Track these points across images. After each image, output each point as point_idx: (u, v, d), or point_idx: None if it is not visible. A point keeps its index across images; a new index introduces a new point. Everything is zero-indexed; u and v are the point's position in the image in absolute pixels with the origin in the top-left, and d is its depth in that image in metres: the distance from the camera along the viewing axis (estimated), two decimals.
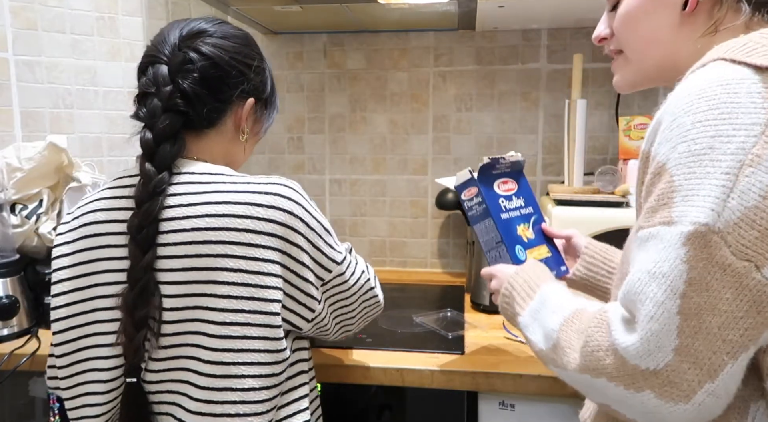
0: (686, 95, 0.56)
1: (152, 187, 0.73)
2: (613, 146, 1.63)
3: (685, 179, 0.53)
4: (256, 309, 0.73)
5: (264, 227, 0.72)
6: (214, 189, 0.74)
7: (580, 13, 1.46)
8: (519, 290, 0.77)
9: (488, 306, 1.38)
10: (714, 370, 0.52)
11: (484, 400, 1.07)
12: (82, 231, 0.78)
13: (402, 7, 1.40)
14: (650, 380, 0.53)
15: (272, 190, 0.75)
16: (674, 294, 0.52)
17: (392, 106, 1.75)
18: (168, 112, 0.76)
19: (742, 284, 0.51)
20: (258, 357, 0.73)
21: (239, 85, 0.82)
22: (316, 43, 1.76)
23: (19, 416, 1.24)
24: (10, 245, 1.23)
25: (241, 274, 0.72)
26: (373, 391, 1.10)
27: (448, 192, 1.67)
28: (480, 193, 0.95)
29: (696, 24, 0.66)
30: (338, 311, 0.84)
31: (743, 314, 0.51)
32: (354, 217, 1.83)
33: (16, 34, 1.36)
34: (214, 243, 0.72)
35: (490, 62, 1.68)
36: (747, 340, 0.52)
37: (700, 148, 0.53)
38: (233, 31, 0.84)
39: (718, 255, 0.51)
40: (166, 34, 0.81)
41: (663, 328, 0.52)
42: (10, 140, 1.35)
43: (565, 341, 0.63)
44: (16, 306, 1.18)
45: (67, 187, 1.28)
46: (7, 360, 1.11)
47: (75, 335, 0.79)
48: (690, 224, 0.52)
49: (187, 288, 0.73)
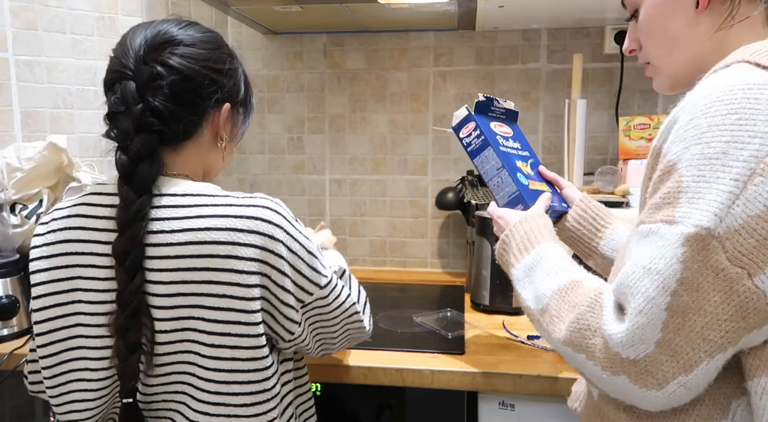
0: (705, 96, 0.56)
1: (134, 212, 0.72)
2: (613, 146, 1.63)
3: (694, 181, 0.54)
4: (243, 332, 0.73)
5: (245, 252, 0.72)
6: (196, 213, 0.73)
7: (580, 13, 1.46)
8: (518, 241, 0.79)
9: (488, 306, 1.38)
10: (690, 365, 0.54)
11: (484, 400, 1.07)
12: (60, 247, 0.77)
13: (402, 7, 1.40)
14: (628, 367, 0.56)
15: (252, 213, 0.73)
16: (665, 292, 0.53)
17: (392, 106, 1.75)
18: (141, 132, 0.73)
19: (732, 289, 0.52)
20: (248, 376, 0.74)
21: (213, 94, 0.79)
22: (316, 43, 1.76)
23: (19, 416, 1.24)
24: (10, 245, 1.23)
25: (227, 300, 0.72)
26: (373, 391, 1.10)
27: (448, 191, 1.67)
28: (478, 126, 0.98)
29: (712, 20, 0.66)
30: (319, 330, 0.83)
31: (728, 317, 0.53)
32: (354, 217, 1.83)
33: (16, 34, 1.36)
34: (198, 271, 0.71)
35: (490, 62, 1.68)
36: (726, 342, 0.53)
37: (713, 152, 0.53)
38: (201, 34, 0.80)
39: (713, 259, 0.52)
40: (129, 43, 0.76)
41: (649, 322, 0.54)
42: (10, 140, 1.35)
43: (555, 310, 0.65)
44: (16, 306, 1.18)
45: (67, 187, 1.28)
46: (7, 360, 1.11)
47: (59, 348, 0.78)
48: (692, 226, 0.53)
49: (175, 312, 0.73)
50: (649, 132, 1.46)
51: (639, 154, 1.45)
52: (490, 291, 1.37)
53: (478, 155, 0.98)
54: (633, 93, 1.63)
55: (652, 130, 1.46)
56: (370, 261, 1.83)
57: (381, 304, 1.43)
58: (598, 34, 1.61)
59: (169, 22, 0.79)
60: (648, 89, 1.62)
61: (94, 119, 1.49)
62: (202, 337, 0.73)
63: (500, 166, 0.96)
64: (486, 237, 1.37)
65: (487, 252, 1.37)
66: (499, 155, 0.96)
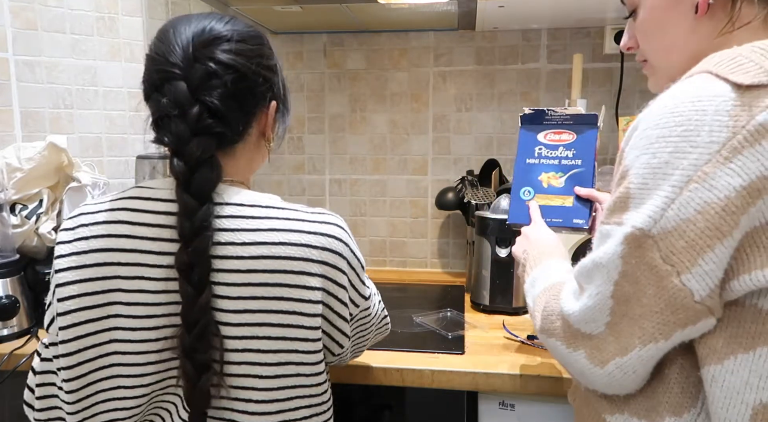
0: (661, 108, 0.59)
1: (199, 221, 0.67)
2: (613, 146, 1.63)
3: (639, 188, 0.58)
4: (309, 349, 0.72)
5: (317, 269, 0.71)
6: (268, 226, 0.70)
7: (580, 13, 1.46)
8: (531, 258, 0.87)
9: (488, 306, 1.38)
10: (625, 348, 0.60)
11: (484, 400, 1.07)
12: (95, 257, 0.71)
13: (402, 7, 1.40)
14: (585, 341, 0.63)
15: (326, 230, 0.72)
16: (609, 281, 0.60)
17: (392, 106, 1.75)
18: (199, 135, 0.69)
19: (662, 284, 0.57)
20: (309, 390, 0.74)
21: (266, 92, 0.76)
22: (316, 43, 1.76)
23: (19, 416, 1.24)
24: (10, 245, 1.23)
25: (296, 316, 0.70)
26: (373, 391, 1.10)
27: (448, 191, 1.67)
28: (520, 136, 1.04)
29: (712, 25, 0.66)
30: (357, 339, 0.85)
31: (659, 310, 0.57)
32: (354, 217, 1.83)
33: (16, 34, 1.36)
34: (269, 286, 0.69)
35: (490, 62, 1.68)
36: (657, 333, 0.58)
37: (657, 163, 0.57)
38: (247, 30, 0.76)
39: (648, 257, 0.57)
40: (173, 39, 0.71)
41: (597, 305, 0.61)
42: (10, 140, 1.35)
43: (537, 305, 0.75)
44: (16, 306, 1.18)
45: (67, 187, 1.28)
46: (7, 360, 1.11)
47: (88, 368, 0.72)
48: (630, 227, 0.58)
49: (240, 330, 0.69)
50: None
51: None
52: (490, 291, 1.37)
53: None
54: (633, 93, 1.63)
55: None
56: (370, 261, 1.83)
57: None
58: (598, 34, 1.61)
59: (209, 18, 0.74)
60: (648, 89, 1.61)
61: (94, 119, 1.49)
62: (265, 357, 0.70)
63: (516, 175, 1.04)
64: (486, 237, 1.37)
65: (487, 252, 1.37)
66: (518, 168, 1.03)
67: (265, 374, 0.71)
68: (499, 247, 1.36)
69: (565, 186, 1.02)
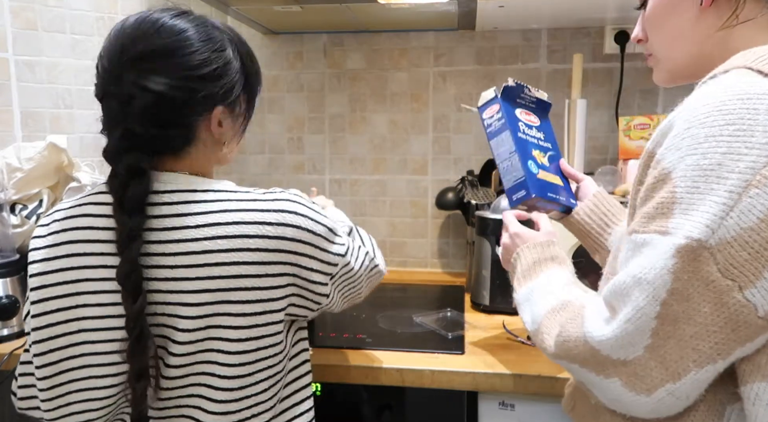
0: (703, 105, 0.55)
1: (127, 234, 0.70)
2: (613, 146, 1.63)
3: (687, 192, 0.53)
4: (269, 321, 0.74)
5: (275, 245, 0.72)
6: (221, 208, 0.72)
7: (580, 13, 1.46)
8: (524, 267, 0.82)
9: (488, 306, 1.38)
10: (678, 373, 0.54)
11: (484, 400, 1.07)
12: (63, 249, 0.74)
13: (402, 7, 1.40)
14: (619, 368, 0.57)
15: (280, 206, 0.74)
16: (655, 301, 0.54)
17: (392, 106, 1.75)
18: (129, 151, 0.71)
19: (721, 301, 0.52)
20: (270, 361, 0.75)
21: (199, 104, 0.74)
22: (316, 43, 1.76)
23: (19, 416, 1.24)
24: (10, 245, 1.23)
25: (255, 292, 0.72)
26: (373, 391, 1.10)
27: (448, 191, 1.67)
28: (501, 109, 0.98)
29: (716, 17, 0.65)
30: (346, 291, 0.85)
31: (717, 329, 0.52)
32: (354, 217, 1.83)
33: (16, 34, 1.36)
34: (227, 265, 0.71)
35: (490, 62, 1.68)
36: (716, 354, 0.53)
37: (709, 164, 0.53)
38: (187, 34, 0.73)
39: (704, 271, 0.52)
40: (112, 52, 0.72)
41: (637, 330, 0.55)
42: (10, 140, 1.35)
43: (546, 327, 0.69)
44: (16, 306, 1.18)
45: (67, 187, 1.28)
46: (7, 360, 1.11)
47: (59, 357, 0.74)
48: (683, 237, 0.52)
49: (201, 309, 0.71)
50: (649, 132, 1.46)
51: (639, 154, 1.45)
52: (490, 291, 1.37)
53: (495, 137, 0.98)
54: (633, 93, 1.63)
55: (652, 129, 1.46)
56: None
57: (381, 304, 1.43)
58: (598, 34, 1.61)
59: (153, 14, 0.73)
60: (648, 89, 1.62)
61: (94, 119, 1.48)
62: (227, 333, 0.72)
63: (513, 150, 0.96)
64: (486, 237, 1.37)
65: (487, 252, 1.37)
66: (515, 140, 0.96)
67: (227, 349, 0.72)
68: (499, 247, 1.36)
69: (551, 166, 1.01)
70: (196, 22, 0.75)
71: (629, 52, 1.58)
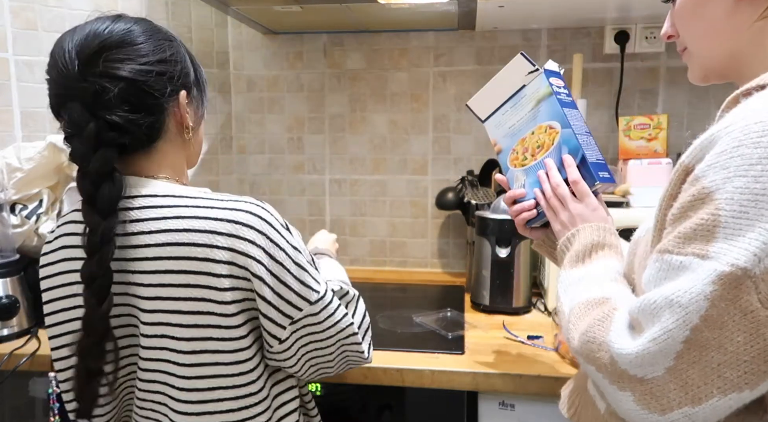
0: (757, 122, 0.52)
1: (100, 236, 0.69)
2: (613, 146, 1.63)
3: (734, 217, 0.51)
4: (224, 336, 0.71)
5: (222, 256, 0.69)
6: (175, 214, 0.71)
7: (580, 13, 1.46)
8: (580, 248, 0.78)
9: (488, 306, 1.38)
10: (699, 398, 0.52)
11: (484, 400, 1.07)
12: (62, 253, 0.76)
13: (402, 7, 1.40)
14: (635, 385, 0.55)
15: (233, 216, 0.70)
16: (685, 326, 0.51)
17: (392, 106, 1.75)
18: (99, 149, 0.70)
19: (758, 332, 0.50)
20: (232, 380, 0.73)
21: (165, 87, 0.74)
22: (316, 43, 1.76)
23: (19, 416, 1.24)
24: (10, 245, 1.23)
25: (204, 303, 0.70)
26: (373, 391, 1.10)
27: (448, 191, 1.67)
28: (565, 86, 0.94)
29: (752, 9, 0.62)
30: (312, 352, 0.77)
31: (749, 359, 0.50)
32: (354, 217, 1.83)
33: (16, 34, 1.36)
34: (176, 273, 0.70)
35: (489, 62, 1.68)
36: (743, 383, 0.51)
37: (761, 188, 0.50)
38: (133, 26, 0.74)
39: (744, 300, 0.50)
40: (59, 60, 0.71)
41: (661, 351, 0.53)
42: (10, 140, 1.35)
43: (575, 318, 0.66)
44: (16, 306, 1.18)
45: (67, 187, 1.28)
46: (7, 360, 1.11)
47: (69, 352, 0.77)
48: (727, 264, 0.50)
49: (155, 316, 0.72)
50: (649, 132, 1.46)
51: (639, 154, 1.45)
52: (490, 291, 1.37)
53: (568, 108, 0.91)
54: (633, 93, 1.63)
55: (652, 129, 1.46)
56: (370, 261, 1.83)
57: (381, 304, 1.43)
58: (598, 34, 1.61)
59: (92, 23, 0.74)
60: (648, 89, 1.62)
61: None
62: (179, 345, 0.71)
63: (587, 130, 0.92)
64: (486, 237, 1.38)
65: (487, 252, 1.37)
66: (584, 122, 0.92)
67: (181, 361, 0.72)
68: (499, 247, 1.36)
69: None
70: (135, 20, 0.76)
71: (629, 52, 1.58)
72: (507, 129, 0.97)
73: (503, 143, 0.98)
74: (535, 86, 0.94)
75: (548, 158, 0.90)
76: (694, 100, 1.61)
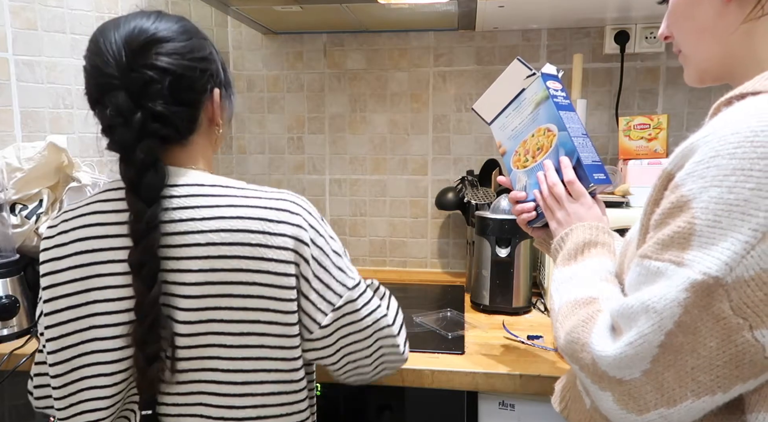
0: (733, 133, 0.52)
1: (146, 222, 0.71)
2: (613, 146, 1.63)
3: (708, 226, 0.51)
4: (273, 320, 0.73)
5: (276, 241, 0.73)
6: (227, 202, 0.74)
7: (580, 13, 1.46)
8: (572, 246, 0.79)
9: (488, 306, 1.38)
10: (674, 400, 0.54)
11: (484, 400, 1.07)
12: (73, 247, 0.75)
13: (402, 7, 1.40)
14: (614, 386, 0.57)
15: (282, 206, 0.75)
16: (660, 330, 0.53)
17: (392, 106, 1.76)
18: (143, 139, 0.72)
19: (730, 338, 0.51)
20: (276, 364, 0.75)
21: (206, 84, 0.78)
22: (316, 43, 1.76)
23: (19, 416, 1.24)
24: (10, 245, 1.23)
25: (256, 287, 0.72)
26: (373, 391, 1.10)
27: (448, 191, 1.67)
28: (563, 89, 0.95)
29: (741, 10, 0.63)
30: (350, 347, 0.80)
31: (721, 363, 0.52)
32: (354, 217, 1.83)
33: (16, 34, 1.36)
34: (229, 258, 0.72)
35: (490, 62, 1.68)
36: (716, 386, 0.52)
37: (735, 199, 0.50)
38: (175, 25, 0.77)
39: (716, 307, 0.51)
40: (105, 50, 0.72)
41: (637, 355, 0.54)
42: (10, 140, 1.35)
43: (562, 317, 0.68)
44: (16, 306, 1.18)
45: (67, 187, 1.28)
46: (7, 360, 1.11)
47: (71, 354, 0.76)
48: (700, 273, 0.51)
49: (203, 301, 0.72)
50: (649, 132, 1.46)
51: (639, 154, 1.45)
52: (490, 291, 1.37)
53: (565, 111, 0.93)
54: (633, 93, 1.63)
55: (652, 129, 1.46)
56: (370, 261, 1.83)
57: None
58: (598, 34, 1.61)
59: (136, 19, 0.75)
60: (648, 89, 1.62)
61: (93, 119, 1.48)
62: (229, 327, 0.73)
63: (584, 132, 0.93)
64: (486, 237, 1.38)
65: (487, 252, 1.37)
66: (582, 124, 0.93)
67: (228, 343, 0.73)
68: (499, 247, 1.36)
69: None
70: (177, 17, 0.79)
71: (629, 52, 1.58)
72: (510, 131, 0.99)
73: (507, 145, 1.00)
74: (534, 90, 0.96)
75: (547, 160, 0.92)
76: (694, 100, 1.61)
